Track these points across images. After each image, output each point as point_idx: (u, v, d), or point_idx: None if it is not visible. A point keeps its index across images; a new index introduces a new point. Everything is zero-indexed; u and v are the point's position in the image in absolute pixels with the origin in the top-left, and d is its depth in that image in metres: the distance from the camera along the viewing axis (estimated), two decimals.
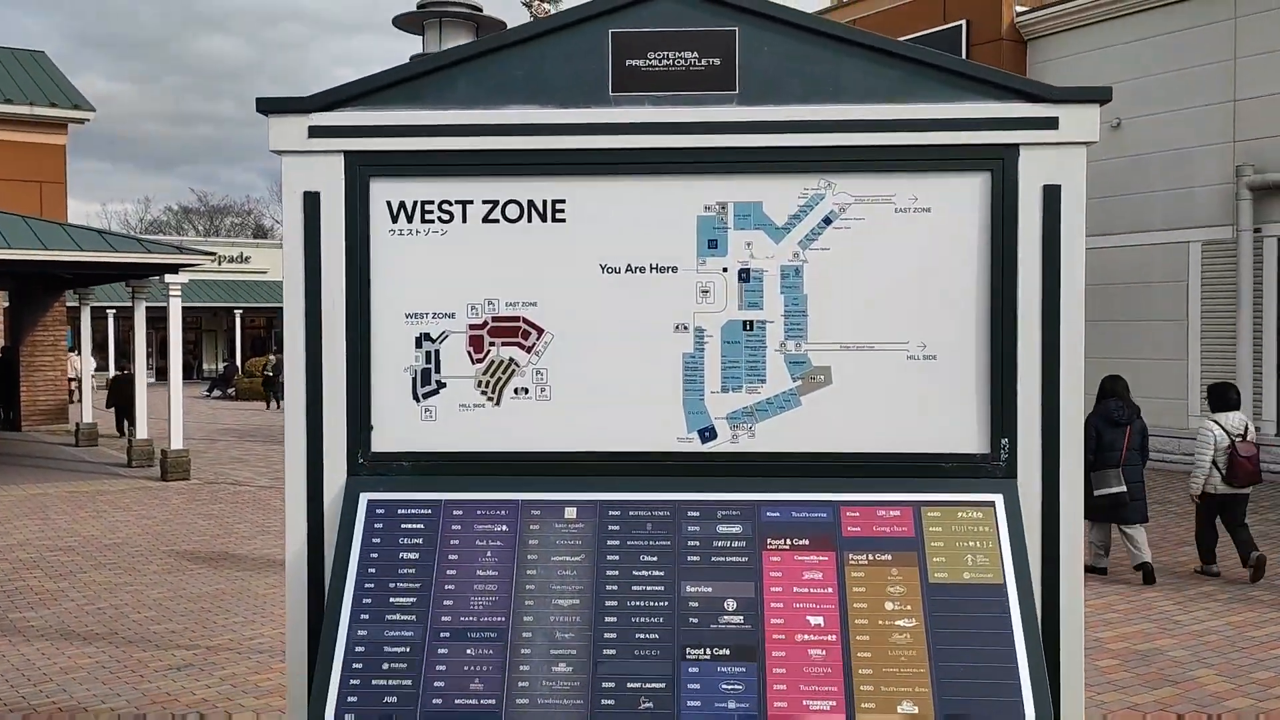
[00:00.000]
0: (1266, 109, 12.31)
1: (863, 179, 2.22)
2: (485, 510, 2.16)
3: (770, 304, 2.24)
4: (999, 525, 2.14)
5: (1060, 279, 2.20)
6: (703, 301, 2.24)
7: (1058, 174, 2.19)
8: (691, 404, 2.24)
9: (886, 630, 2.04)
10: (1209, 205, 12.86)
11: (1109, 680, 5.50)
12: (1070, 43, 14.27)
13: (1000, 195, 2.20)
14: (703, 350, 2.24)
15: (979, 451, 2.22)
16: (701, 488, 2.19)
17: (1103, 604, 7.05)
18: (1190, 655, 5.93)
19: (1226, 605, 6.98)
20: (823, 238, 2.23)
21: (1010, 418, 2.21)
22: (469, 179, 2.24)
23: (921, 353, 2.23)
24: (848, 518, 2.16)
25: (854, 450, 2.23)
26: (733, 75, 2.22)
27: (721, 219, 2.23)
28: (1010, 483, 2.19)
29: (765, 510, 2.17)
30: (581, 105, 2.22)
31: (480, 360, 2.25)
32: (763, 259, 2.23)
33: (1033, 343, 2.21)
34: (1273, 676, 5.54)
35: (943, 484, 2.20)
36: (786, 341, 2.23)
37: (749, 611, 2.07)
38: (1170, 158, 13.26)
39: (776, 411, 2.23)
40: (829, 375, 2.23)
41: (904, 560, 2.11)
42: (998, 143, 2.20)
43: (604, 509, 2.17)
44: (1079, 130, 2.19)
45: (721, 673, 2.00)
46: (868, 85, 2.22)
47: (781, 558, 2.12)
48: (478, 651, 2.03)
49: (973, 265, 2.22)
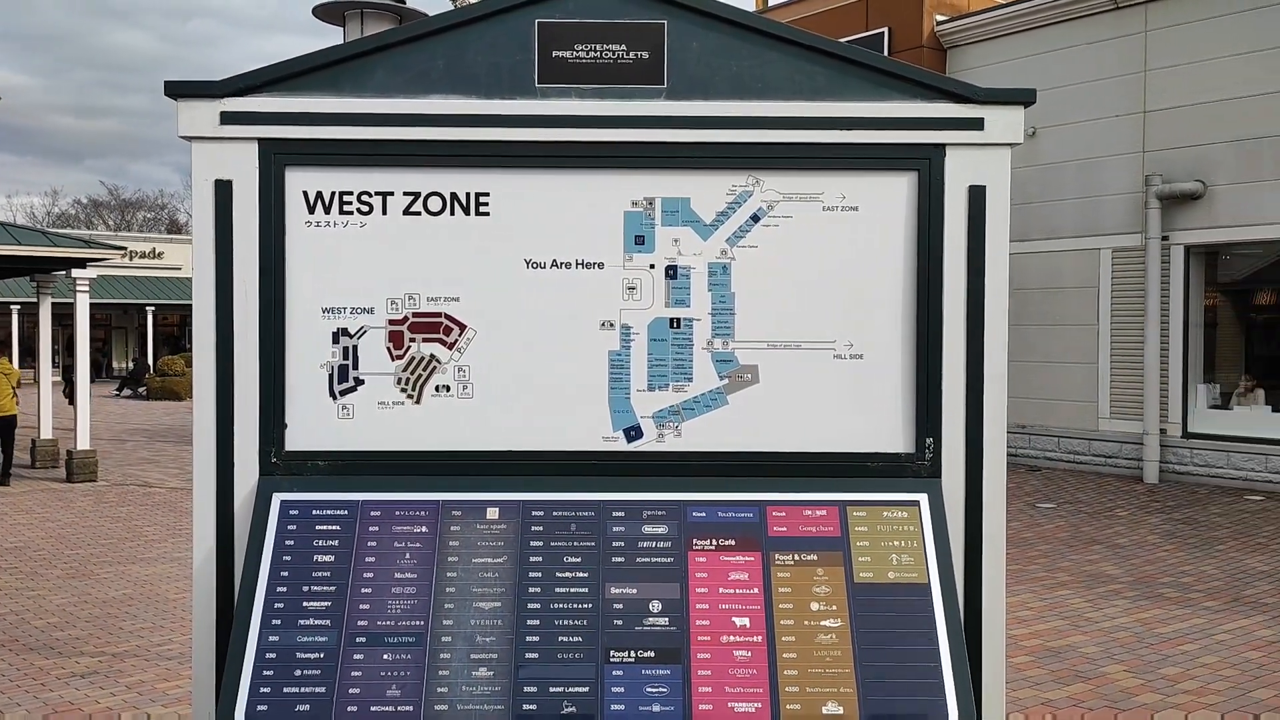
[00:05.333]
0: (1174, 120, 12.73)
1: (791, 176, 2.21)
2: (404, 511, 2.10)
3: (697, 301, 2.21)
4: (924, 525, 2.15)
5: (984, 279, 2.21)
6: (629, 298, 2.20)
7: (983, 175, 2.21)
8: (617, 402, 2.20)
9: (812, 631, 2.03)
10: (1119, 213, 13.25)
11: (1024, 676, 5.61)
12: (988, 52, 14.59)
13: (926, 195, 2.21)
14: (629, 348, 2.20)
15: (904, 451, 2.22)
16: (627, 488, 2.16)
17: (1017, 601, 7.20)
18: (1101, 651, 6.08)
19: (1135, 603, 7.18)
20: (751, 235, 2.21)
21: (935, 417, 2.21)
22: (389, 170, 2.17)
23: (848, 352, 2.22)
24: (774, 518, 2.14)
25: (780, 450, 2.21)
26: (661, 69, 2.19)
27: (649, 215, 2.20)
28: (935, 482, 2.19)
29: (691, 510, 2.14)
30: (506, 96, 2.17)
31: (400, 357, 2.18)
32: (690, 256, 2.21)
33: (957, 343, 2.21)
34: (1180, 672, 5.71)
35: (868, 484, 2.19)
36: (714, 339, 2.21)
37: (674, 613, 2.04)
38: (1083, 166, 13.63)
39: (703, 410, 2.21)
40: (756, 374, 2.21)
41: (830, 560, 2.10)
42: (924, 142, 2.20)
43: (527, 509, 2.12)
44: (1004, 132, 2.21)
45: (646, 675, 1.97)
46: (797, 82, 2.21)
47: (707, 558, 2.10)
48: (395, 656, 1.96)
49: (899, 265, 2.23)
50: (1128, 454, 13.16)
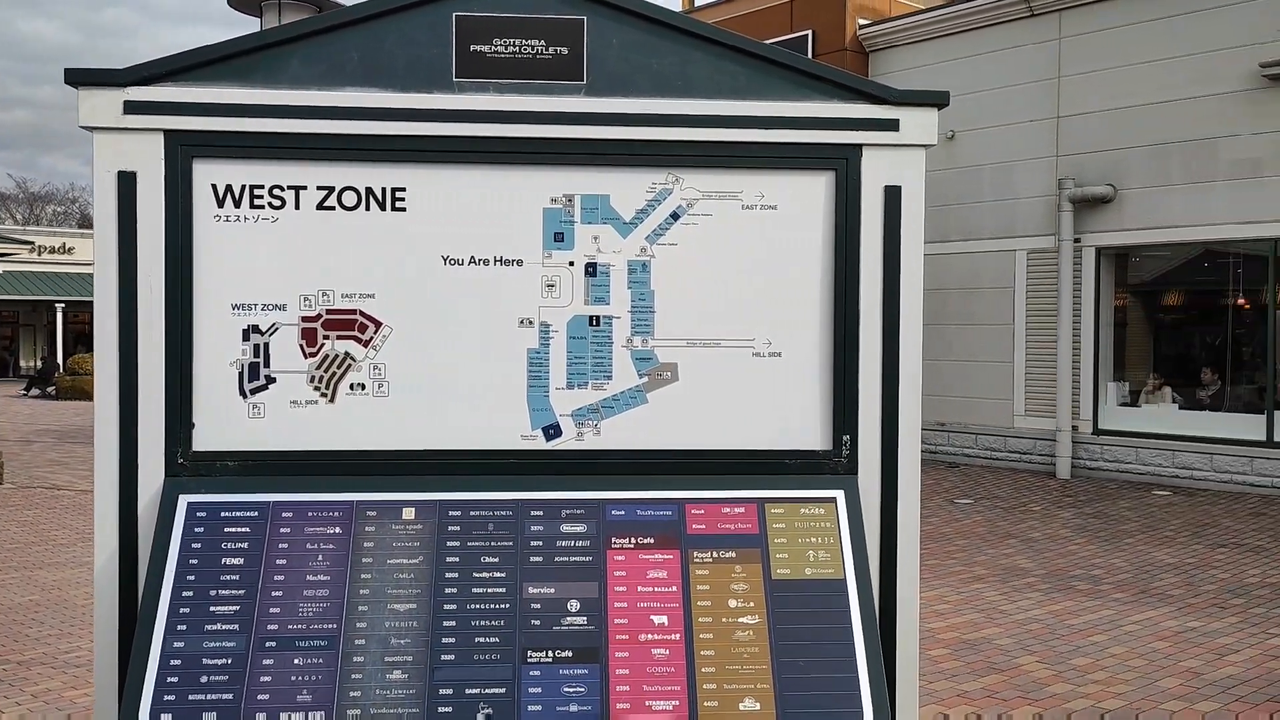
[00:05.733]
0: (1086, 126, 13.09)
1: (710, 175, 2.22)
2: (317, 512, 2.06)
3: (617, 299, 2.20)
4: (840, 521, 2.17)
5: (900, 279, 2.24)
6: (548, 296, 2.19)
7: (898, 175, 2.24)
8: (536, 401, 2.18)
9: (730, 628, 2.04)
10: (1034, 216, 13.58)
11: (940, 669, 5.72)
12: (909, 56, 14.85)
13: (844, 194, 2.23)
14: (548, 346, 2.19)
15: (822, 448, 2.24)
16: (545, 486, 2.14)
17: (935, 596, 7.34)
18: (1015, 643, 6.22)
19: (1048, 595, 7.36)
20: (670, 233, 2.21)
21: (852, 415, 2.24)
22: (302, 163, 2.13)
23: (767, 350, 2.24)
24: (692, 515, 2.15)
25: (700, 447, 2.22)
26: (580, 65, 2.18)
27: (568, 212, 2.19)
28: (851, 479, 2.22)
29: (610, 509, 2.13)
30: (423, 90, 2.14)
31: (313, 354, 2.13)
32: (610, 253, 2.20)
33: (874, 341, 2.24)
34: (1090, 662, 5.87)
35: (787, 481, 2.21)
36: (633, 337, 2.21)
37: (592, 612, 2.03)
38: (1000, 169, 13.95)
39: (623, 408, 2.20)
40: (675, 372, 2.21)
41: (747, 557, 2.11)
42: (841, 142, 2.22)
43: (444, 509, 2.09)
44: (918, 133, 2.24)
45: (563, 675, 1.95)
46: (717, 81, 2.22)
47: (626, 557, 2.09)
48: (306, 660, 1.92)
49: (817, 263, 2.24)
50: (1042, 450, 13.50)
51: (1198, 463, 12.27)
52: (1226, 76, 11.89)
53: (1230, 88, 11.88)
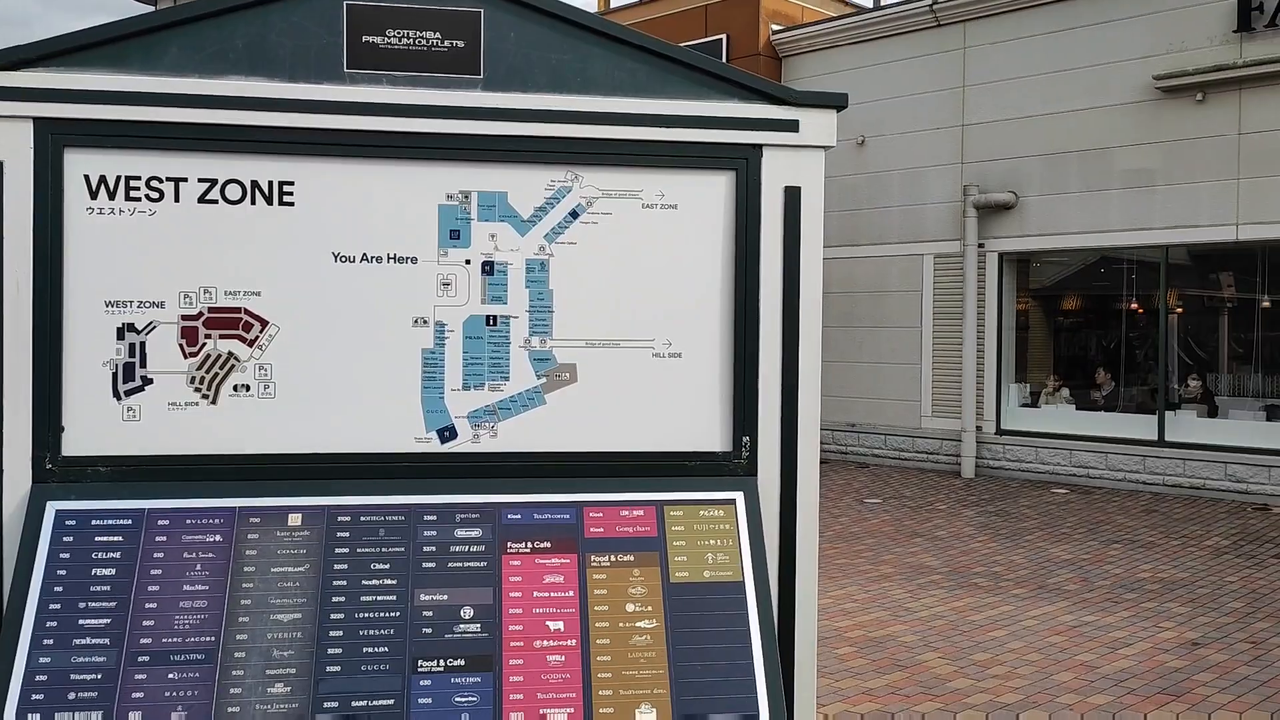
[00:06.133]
0: (989, 134, 13.42)
1: (610, 173, 2.19)
2: (196, 519, 1.97)
3: (515, 298, 2.16)
4: (739, 523, 2.16)
5: (799, 280, 2.24)
6: (444, 295, 2.13)
7: (798, 176, 2.24)
8: (430, 402, 2.12)
9: (627, 633, 2.01)
10: (940, 221, 13.88)
11: (846, 667, 5.78)
12: (821, 63, 15.05)
13: (744, 195, 2.22)
14: (443, 346, 2.13)
15: (721, 450, 2.22)
16: (439, 490, 2.09)
17: (843, 594, 7.43)
18: (919, 640, 6.32)
19: (951, 592, 7.51)
20: (569, 231, 2.18)
21: (751, 416, 2.23)
22: (183, 154, 2.04)
23: (667, 350, 2.21)
24: (591, 519, 2.11)
25: (599, 449, 2.18)
26: (477, 59, 2.13)
27: (464, 209, 2.14)
28: (751, 480, 2.21)
29: (506, 513, 2.09)
30: (312, 80, 2.07)
31: (194, 354, 2.04)
32: (507, 251, 2.15)
33: (773, 342, 2.23)
34: (989, 657, 5.99)
35: (686, 483, 2.19)
36: (531, 338, 2.16)
37: (486, 619, 1.98)
38: (908, 175, 14.22)
39: (520, 410, 2.16)
40: (574, 373, 2.18)
41: (646, 560, 2.09)
42: (742, 142, 2.21)
43: (332, 515, 2.02)
44: (818, 134, 2.24)
45: (455, 684, 1.90)
46: (616, 78, 2.19)
47: (522, 562, 2.05)
48: (182, 675, 1.83)
49: (717, 263, 2.23)
50: (948, 450, 13.80)
51: (1094, 461, 12.66)
52: (1121, 89, 12.30)
53: (1125, 99, 12.29)
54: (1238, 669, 5.82)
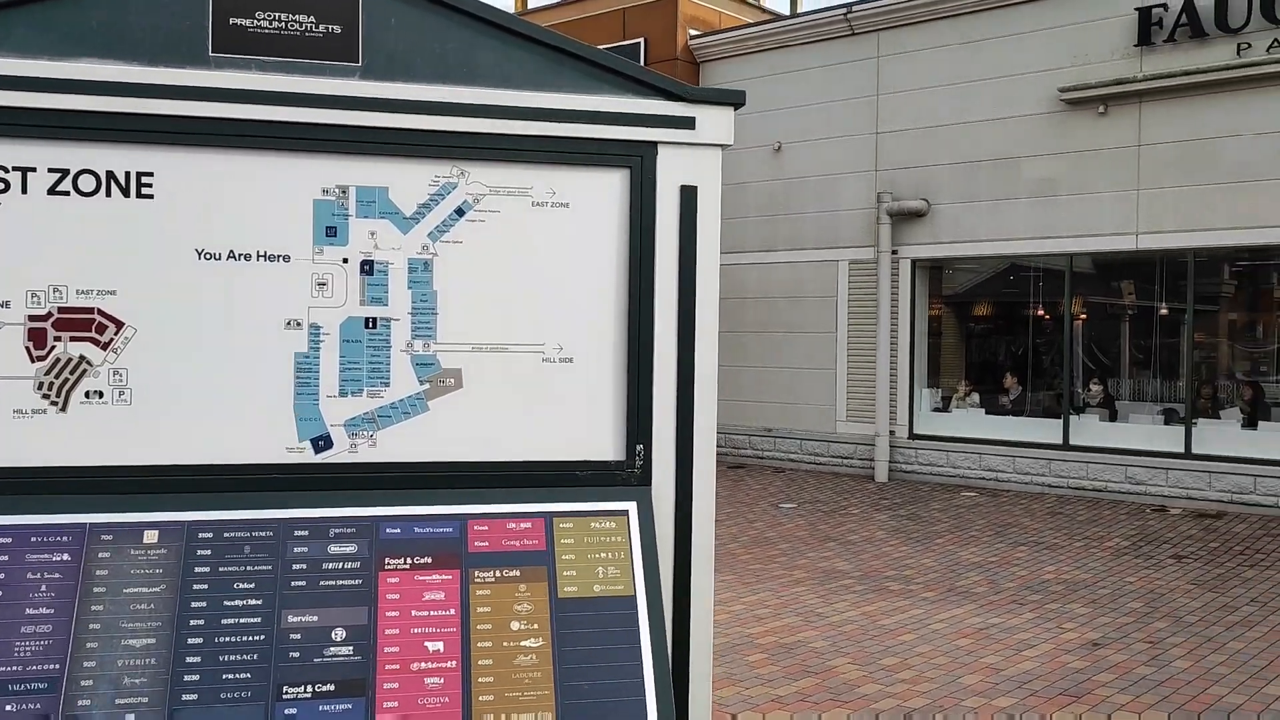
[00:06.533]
0: (902, 142, 13.61)
1: (498, 169, 2.09)
2: (41, 537, 1.81)
3: (396, 300, 2.04)
4: (631, 535, 2.07)
5: (696, 282, 2.17)
6: (319, 295, 2.01)
7: (694, 175, 2.16)
8: (304, 410, 2.00)
9: (511, 652, 1.91)
10: (855, 227, 14.03)
11: (757, 675, 5.75)
12: (738, 68, 15.11)
13: (638, 193, 2.14)
14: (318, 350, 2.01)
15: (614, 459, 2.14)
16: (312, 503, 1.96)
17: (756, 600, 7.41)
18: (830, 645, 6.32)
19: (863, 596, 7.54)
20: (455, 229, 2.07)
21: (646, 423, 2.15)
22: (30, 142, 1.88)
23: (558, 355, 2.12)
24: (475, 532, 2.01)
25: (485, 459, 2.08)
26: (355, 46, 2.01)
27: (342, 204, 2.02)
28: (644, 490, 2.13)
29: (385, 527, 1.97)
30: (174, 65, 1.93)
31: (42, 358, 1.89)
32: (388, 250, 2.04)
33: (668, 346, 2.16)
34: (898, 661, 6.01)
35: (576, 493, 2.10)
36: (413, 341, 2.05)
37: (360, 641, 1.86)
38: (823, 182, 14.35)
39: (401, 417, 2.04)
40: (460, 378, 2.07)
41: (533, 575, 1.99)
42: (636, 139, 2.13)
43: (193, 531, 1.88)
44: (715, 132, 2.17)
45: (324, 711, 1.78)
46: (505, 69, 2.09)
47: (400, 579, 1.93)
48: (20, 707, 1.68)
49: (611, 264, 2.14)
50: (862, 455, 13.94)
51: (1002, 465, 12.90)
52: (1028, 100, 12.57)
53: (1032, 111, 12.56)
54: (1136, 669, 5.94)
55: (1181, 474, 11.66)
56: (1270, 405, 12.27)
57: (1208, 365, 13.02)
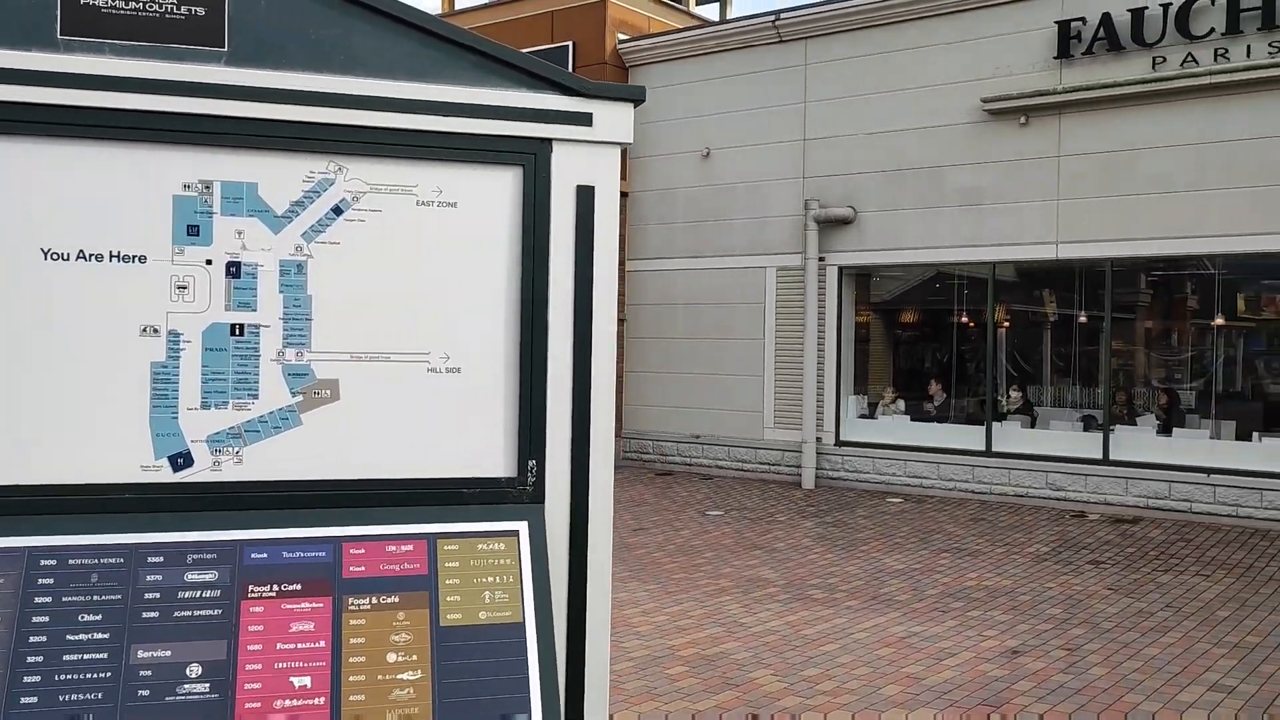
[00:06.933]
0: (829, 150, 13.67)
1: (380, 165, 1.95)
2: None
3: (266, 305, 1.89)
4: (522, 557, 1.94)
5: (592, 287, 2.05)
6: (179, 300, 1.85)
7: (591, 174, 2.05)
8: (161, 424, 1.84)
9: (386, 686, 1.76)
10: (783, 234, 14.05)
11: (677, 688, 5.64)
12: (667, 73, 15.05)
13: (531, 193, 2.01)
14: (178, 359, 1.85)
15: (505, 475, 2.01)
16: (169, 526, 1.80)
17: (679, 610, 7.31)
18: (751, 656, 6.25)
19: (786, 605, 7.49)
20: (332, 230, 1.93)
21: (539, 437, 2.02)
22: None
23: (444, 365, 1.99)
24: (351, 556, 1.86)
25: (363, 477, 1.93)
26: (221, 29, 1.86)
27: (205, 201, 1.86)
28: (537, 508, 2.00)
29: (250, 551, 1.82)
30: (18, 47, 1.76)
31: None
32: (257, 251, 1.89)
33: (563, 355, 2.03)
34: (820, 673, 5.95)
35: (464, 513, 1.96)
36: (285, 350, 1.90)
37: (217, 676, 1.70)
38: (752, 188, 14.35)
39: (271, 432, 1.89)
40: (336, 390, 1.92)
41: (413, 602, 1.85)
42: (530, 136, 2.01)
43: (33, 558, 1.71)
44: (613, 129, 2.05)
45: None
46: (388, 59, 1.95)
47: (265, 608, 1.78)
48: None
49: (502, 268, 2.02)
50: (789, 462, 13.95)
51: (926, 471, 13.01)
52: (952, 110, 12.71)
53: (956, 120, 12.70)
54: (1054, 676, 5.95)
55: (1100, 480, 11.85)
56: (1184, 412, 12.55)
57: (1125, 373, 13.29)
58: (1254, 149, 10.95)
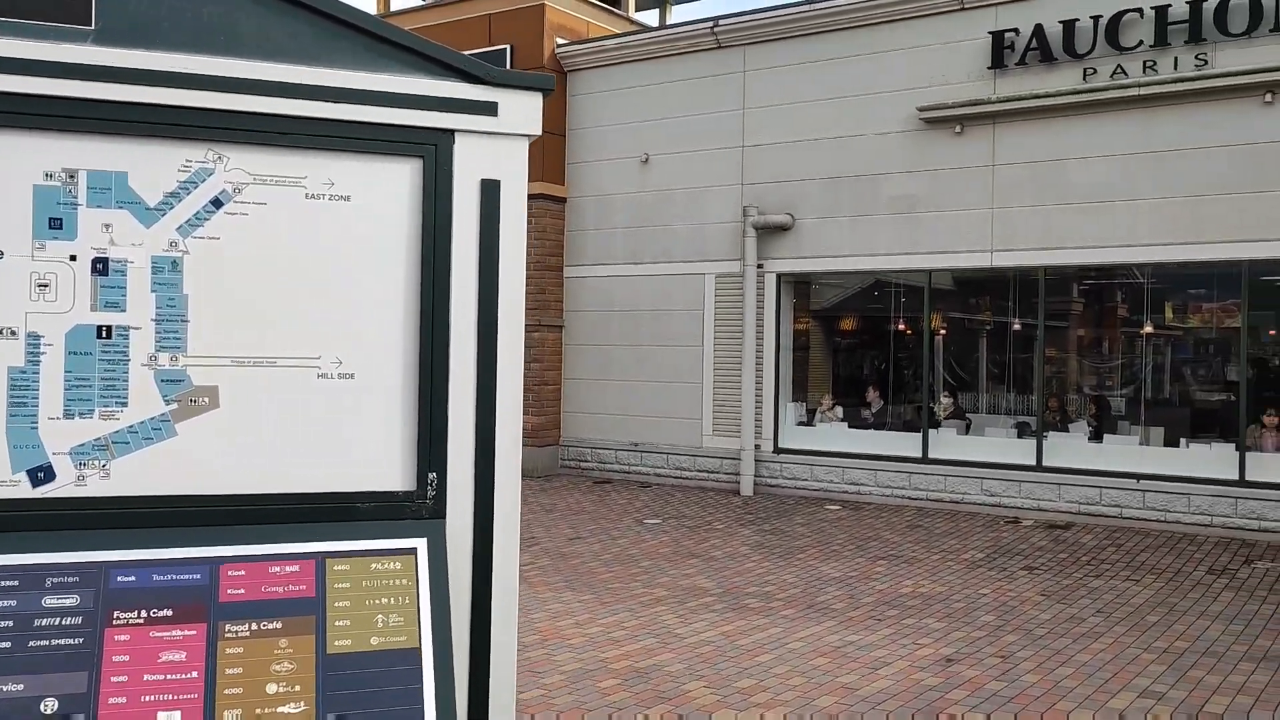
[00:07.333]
0: (767, 156, 13.67)
1: (265, 155, 1.81)
2: None
3: (137, 305, 1.74)
4: (420, 576, 1.81)
5: (498, 287, 1.92)
6: (40, 299, 1.69)
7: (497, 167, 1.92)
8: (19, 435, 1.68)
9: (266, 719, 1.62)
10: (722, 240, 14.01)
11: (608, 702, 5.51)
12: (606, 78, 14.95)
13: (432, 187, 1.89)
14: (38, 363, 1.69)
15: (402, 489, 1.87)
16: (26, 547, 1.64)
17: (614, 621, 7.19)
18: (685, 668, 6.14)
19: (722, 615, 7.40)
20: (211, 224, 1.78)
21: (440, 448, 1.89)
22: None
23: (336, 370, 1.85)
24: (229, 578, 1.71)
25: (245, 491, 1.79)
26: (87, 5, 1.71)
27: (70, 191, 1.71)
28: (438, 524, 1.87)
29: (116, 574, 1.66)
30: None
31: None
32: (127, 246, 1.74)
33: (467, 360, 1.91)
34: (754, 684, 5.87)
35: (357, 529, 1.82)
36: (159, 354, 1.75)
37: (75, 712, 1.55)
38: (690, 194, 14.29)
39: (142, 443, 1.74)
40: (215, 397, 1.78)
41: (298, 627, 1.71)
42: (429, 125, 1.88)
43: None
44: (520, 121, 1.94)
45: None
46: (274, 40, 1.81)
47: (131, 636, 1.63)
48: None
49: (400, 267, 1.88)
50: (728, 469, 13.90)
51: (864, 478, 13.03)
52: (889, 118, 12.77)
53: (892, 128, 12.77)
54: (988, 684, 5.93)
55: (1033, 486, 11.96)
56: (1115, 419, 12.73)
57: (1058, 380, 13.45)
58: (1182, 160, 11.14)
